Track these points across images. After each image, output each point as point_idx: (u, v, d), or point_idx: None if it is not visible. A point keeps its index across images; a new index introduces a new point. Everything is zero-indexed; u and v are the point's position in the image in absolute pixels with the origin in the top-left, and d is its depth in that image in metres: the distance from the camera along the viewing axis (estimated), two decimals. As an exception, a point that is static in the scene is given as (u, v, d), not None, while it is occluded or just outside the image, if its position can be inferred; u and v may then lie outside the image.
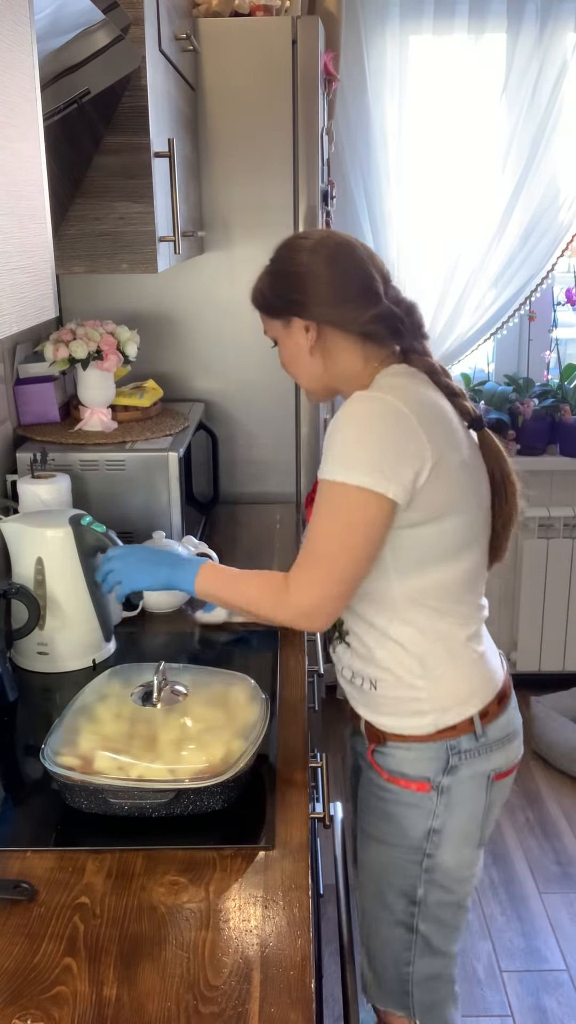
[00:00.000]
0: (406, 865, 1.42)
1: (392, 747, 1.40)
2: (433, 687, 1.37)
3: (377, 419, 1.26)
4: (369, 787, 1.46)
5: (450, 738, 1.37)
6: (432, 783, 1.38)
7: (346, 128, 2.91)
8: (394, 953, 1.47)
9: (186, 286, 2.42)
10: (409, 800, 1.40)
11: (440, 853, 1.41)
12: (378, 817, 1.44)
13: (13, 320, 0.92)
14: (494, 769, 1.41)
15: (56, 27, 1.23)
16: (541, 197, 2.98)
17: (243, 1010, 0.93)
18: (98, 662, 1.62)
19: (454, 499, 1.31)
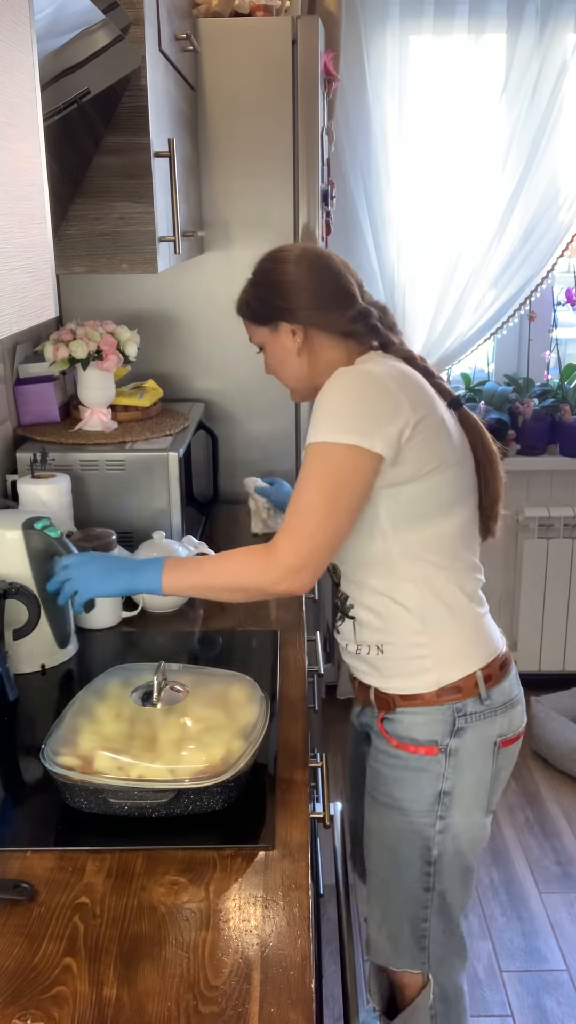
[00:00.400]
0: (420, 828, 1.48)
1: (400, 713, 1.47)
2: (435, 642, 1.44)
3: (358, 384, 1.36)
4: (378, 756, 1.51)
5: (456, 701, 1.44)
6: (440, 746, 1.45)
7: (346, 128, 2.91)
8: (411, 912, 1.53)
9: (186, 286, 2.42)
10: (418, 764, 1.45)
11: (451, 815, 1.47)
12: (388, 783, 1.49)
13: (13, 320, 0.92)
14: (500, 735, 1.48)
15: (56, 27, 1.23)
16: (541, 197, 2.98)
17: (243, 1010, 0.93)
18: (48, 667, 1.61)
19: (440, 455, 1.39)
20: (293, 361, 1.50)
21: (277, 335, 1.49)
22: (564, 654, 3.43)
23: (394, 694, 1.47)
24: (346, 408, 1.34)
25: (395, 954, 1.56)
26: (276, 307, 1.47)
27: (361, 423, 1.32)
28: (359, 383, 1.36)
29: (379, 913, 1.56)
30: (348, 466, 1.32)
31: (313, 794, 1.42)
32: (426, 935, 1.53)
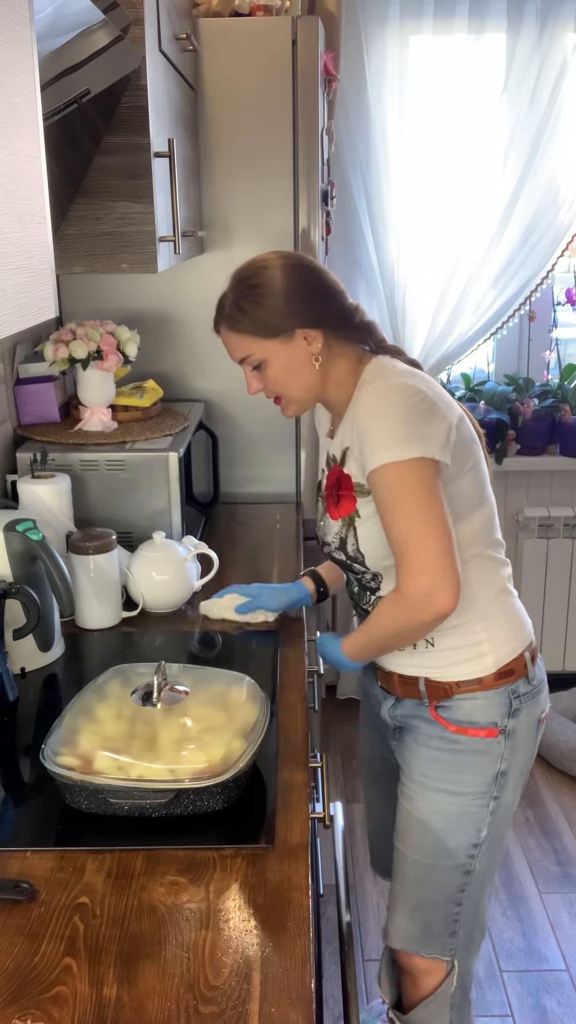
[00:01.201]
0: (475, 810, 1.51)
1: (459, 699, 1.49)
2: (490, 628, 1.49)
3: (401, 398, 1.37)
4: (430, 742, 1.52)
5: (510, 683, 1.49)
6: (500, 727, 1.49)
7: (346, 128, 2.91)
8: (448, 896, 1.54)
9: (186, 286, 2.42)
10: (478, 747, 1.49)
11: (504, 794, 1.52)
12: (444, 769, 1.51)
13: (13, 320, 0.92)
14: (541, 711, 1.57)
15: (56, 27, 1.23)
16: (541, 197, 2.98)
17: (243, 1010, 0.93)
18: (28, 671, 1.60)
19: (473, 451, 1.46)
20: (307, 371, 1.46)
21: (289, 345, 1.44)
22: (564, 654, 3.43)
23: (451, 681, 1.49)
24: (400, 424, 1.35)
25: (426, 941, 1.57)
26: (289, 314, 1.43)
27: (419, 434, 1.34)
28: (401, 396, 1.37)
29: (414, 901, 1.57)
30: (424, 477, 1.34)
31: (313, 794, 1.42)
32: (458, 919, 1.56)
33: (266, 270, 1.45)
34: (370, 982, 2.23)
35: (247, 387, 1.51)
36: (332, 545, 1.54)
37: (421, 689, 1.52)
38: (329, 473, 1.54)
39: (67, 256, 1.73)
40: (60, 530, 1.80)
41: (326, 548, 1.58)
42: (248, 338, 1.45)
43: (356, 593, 1.58)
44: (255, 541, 2.25)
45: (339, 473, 1.50)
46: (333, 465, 1.53)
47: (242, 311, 1.44)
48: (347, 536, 1.49)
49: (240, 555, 2.15)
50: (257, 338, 1.45)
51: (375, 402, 1.39)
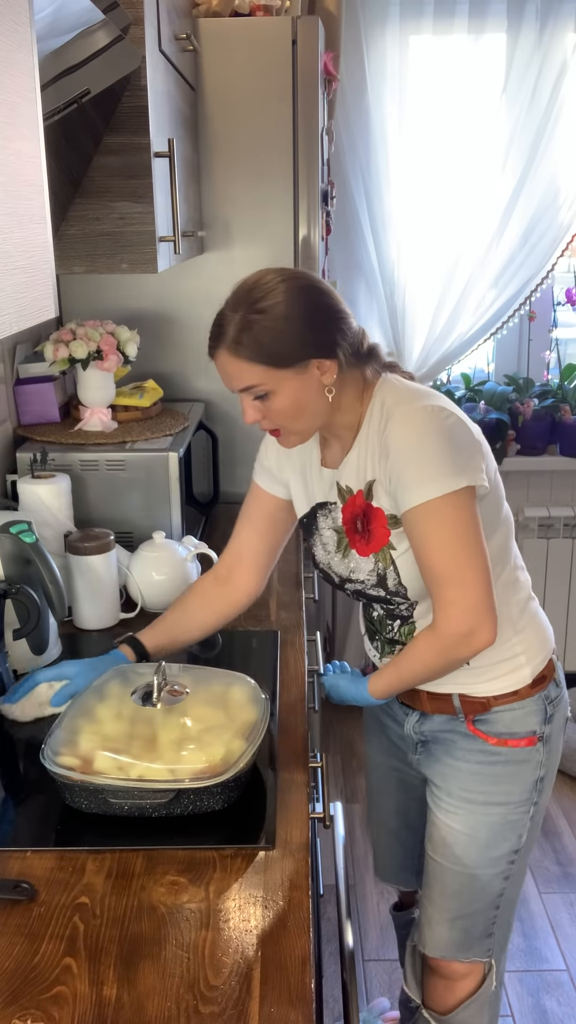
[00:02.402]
0: (517, 818, 1.50)
1: (497, 711, 1.47)
2: (524, 640, 1.47)
3: (435, 424, 1.30)
4: (469, 757, 1.49)
5: (543, 689, 1.48)
6: (539, 735, 1.48)
7: (346, 128, 2.91)
8: (488, 904, 1.54)
9: (186, 286, 2.42)
10: (520, 756, 1.48)
11: (542, 797, 1.53)
12: (486, 781, 1.49)
13: (13, 320, 0.92)
14: (567, 709, 1.56)
15: (56, 27, 1.23)
16: (541, 197, 2.98)
17: (243, 1010, 0.93)
18: (20, 673, 1.59)
19: (492, 464, 1.41)
20: (318, 402, 1.34)
21: (301, 376, 1.30)
22: (564, 654, 3.43)
23: (488, 696, 1.46)
24: (440, 454, 1.28)
25: (467, 947, 1.56)
26: (304, 343, 1.29)
27: (460, 464, 1.28)
28: (435, 422, 1.30)
29: (455, 910, 1.54)
30: (466, 508, 1.29)
31: (313, 794, 1.41)
32: (495, 921, 1.56)
33: (274, 292, 1.30)
34: (370, 982, 2.23)
35: (243, 415, 1.35)
36: (367, 583, 1.42)
37: (456, 705, 1.48)
38: (346, 507, 1.42)
39: (67, 256, 1.73)
40: (60, 530, 1.80)
41: (353, 586, 1.45)
42: (255, 367, 1.29)
43: (377, 619, 1.50)
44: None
45: (365, 506, 1.38)
46: (349, 498, 1.41)
47: (250, 337, 1.28)
48: (386, 572, 1.39)
49: (240, 555, 2.14)
50: (266, 367, 1.29)
51: (410, 433, 1.29)
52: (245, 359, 1.29)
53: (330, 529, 1.47)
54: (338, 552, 1.46)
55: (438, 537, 1.29)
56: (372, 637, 1.54)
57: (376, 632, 1.52)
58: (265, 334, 1.28)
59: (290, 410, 1.33)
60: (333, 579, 1.50)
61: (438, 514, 1.28)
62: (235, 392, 1.34)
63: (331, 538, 1.47)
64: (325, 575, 1.52)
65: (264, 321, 1.28)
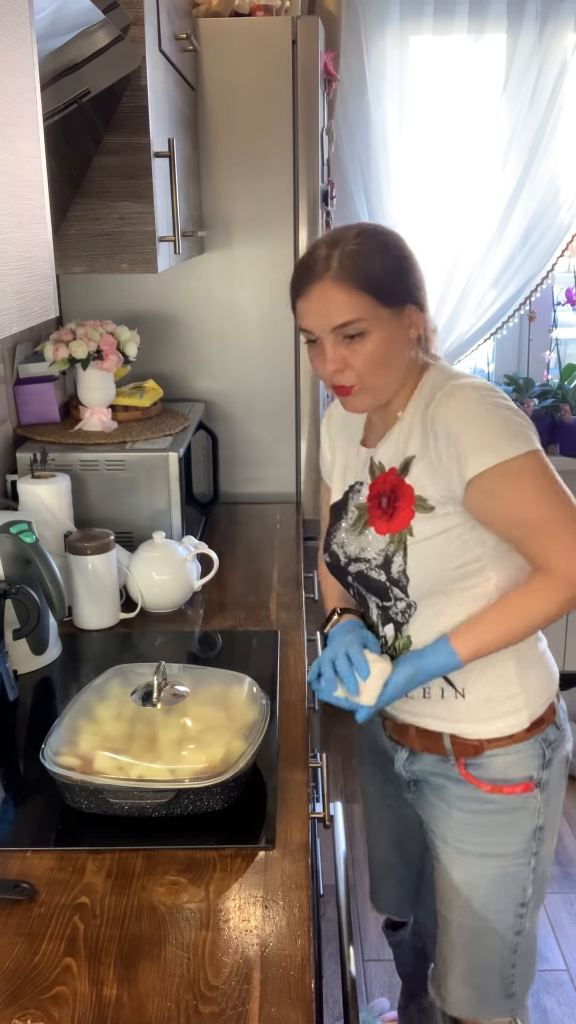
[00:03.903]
0: (516, 870, 1.40)
1: (490, 755, 1.37)
2: (527, 680, 1.38)
3: (494, 397, 1.26)
4: (462, 804, 1.40)
5: (540, 732, 1.38)
6: (535, 780, 1.38)
7: (346, 128, 2.91)
8: (502, 961, 1.44)
9: (186, 286, 2.42)
10: (515, 804, 1.38)
11: (544, 847, 1.42)
12: (480, 832, 1.39)
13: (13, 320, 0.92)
14: (569, 751, 1.45)
15: (56, 27, 1.23)
16: (541, 197, 2.98)
17: (243, 1010, 0.93)
18: (27, 671, 1.60)
19: None
20: (403, 355, 1.29)
21: (397, 320, 1.26)
22: (564, 654, 3.43)
23: (481, 738, 1.37)
24: (505, 422, 1.23)
25: (485, 1006, 1.47)
26: (409, 284, 1.26)
27: (524, 430, 1.25)
28: (494, 396, 1.26)
29: (466, 966, 1.45)
30: (546, 466, 1.26)
31: (313, 794, 1.42)
32: (513, 979, 1.46)
33: (375, 230, 1.28)
34: (370, 982, 2.23)
35: (324, 361, 1.27)
36: (372, 562, 1.35)
37: (446, 746, 1.39)
38: (374, 483, 1.37)
39: (67, 256, 1.73)
40: (60, 530, 1.80)
41: (358, 566, 1.38)
42: (361, 298, 1.23)
43: (373, 627, 1.43)
44: (255, 541, 2.25)
45: (396, 483, 1.32)
46: (380, 475, 1.36)
47: (358, 265, 1.23)
48: (394, 555, 1.32)
49: (240, 555, 2.15)
50: (372, 300, 1.23)
51: (463, 404, 1.24)
52: (352, 288, 1.22)
53: (353, 507, 1.42)
54: (354, 529, 1.40)
55: (527, 490, 1.23)
56: None
57: None
58: (374, 262, 1.24)
59: (380, 356, 1.26)
60: (340, 559, 1.43)
61: (517, 474, 1.23)
62: (325, 332, 1.25)
63: (352, 515, 1.42)
64: (334, 558, 1.44)
65: (372, 247, 1.25)
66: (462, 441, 1.23)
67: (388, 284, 1.24)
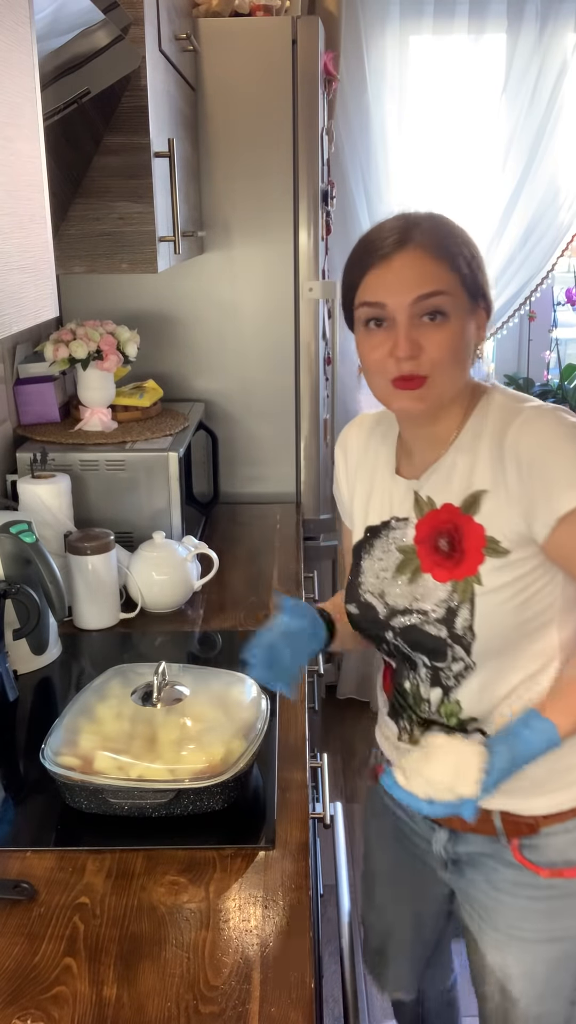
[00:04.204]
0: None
1: (548, 834, 1.20)
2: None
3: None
4: (516, 891, 1.23)
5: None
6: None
7: (346, 128, 2.91)
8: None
9: (186, 286, 2.42)
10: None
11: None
12: (539, 918, 1.23)
13: (13, 320, 0.92)
14: None
15: (56, 27, 1.23)
16: (541, 197, 2.99)
17: (243, 1010, 0.92)
18: (27, 671, 1.59)
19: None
20: (468, 359, 1.14)
21: (471, 316, 1.12)
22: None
23: (537, 815, 1.19)
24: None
25: None
26: (483, 278, 1.14)
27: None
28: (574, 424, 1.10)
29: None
30: None
31: (313, 794, 1.42)
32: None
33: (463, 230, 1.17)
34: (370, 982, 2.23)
35: (397, 345, 1.09)
36: (430, 615, 1.16)
37: (497, 825, 1.21)
38: (424, 521, 1.18)
39: (67, 256, 1.73)
40: (60, 530, 1.80)
41: (409, 619, 1.18)
42: (450, 274, 1.10)
43: (411, 689, 1.23)
44: (255, 541, 2.25)
45: (461, 522, 1.14)
46: (430, 511, 1.18)
47: (453, 242, 1.12)
48: (459, 607, 1.13)
49: (240, 555, 2.15)
50: (458, 282, 1.10)
51: (551, 431, 1.08)
52: (441, 260, 1.09)
53: (393, 549, 1.22)
54: (400, 575, 1.20)
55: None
56: (398, 714, 1.27)
57: (404, 708, 1.25)
58: (461, 242, 1.13)
59: (456, 347, 1.10)
60: (378, 612, 1.22)
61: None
62: (403, 307, 1.08)
63: (392, 560, 1.21)
64: (367, 611, 1.24)
65: (462, 233, 1.14)
66: (552, 472, 1.07)
67: (472, 271, 1.12)
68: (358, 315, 1.13)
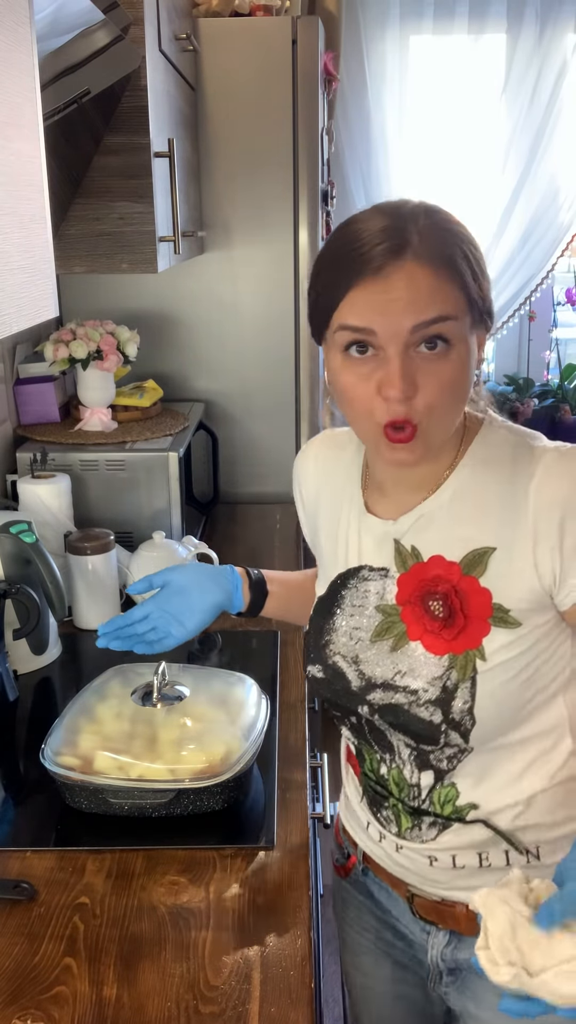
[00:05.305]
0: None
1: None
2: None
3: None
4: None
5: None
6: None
7: (346, 128, 2.91)
8: None
9: (186, 286, 2.42)
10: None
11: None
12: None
13: (13, 320, 0.92)
14: None
15: (56, 27, 1.23)
16: (541, 197, 2.99)
17: (243, 1010, 0.92)
18: (27, 671, 1.59)
19: None
20: (468, 394, 0.96)
21: (472, 338, 0.94)
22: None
23: None
24: None
25: None
26: (488, 296, 0.95)
27: None
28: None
29: None
30: None
31: (313, 794, 1.42)
32: None
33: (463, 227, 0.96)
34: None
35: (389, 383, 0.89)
36: (420, 695, 0.97)
37: None
38: (408, 576, 1.00)
39: (67, 256, 1.73)
40: (60, 530, 1.80)
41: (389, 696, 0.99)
42: (455, 292, 0.89)
43: (393, 775, 1.04)
44: (255, 541, 2.25)
45: (461, 583, 0.96)
46: (415, 565, 1.00)
47: (457, 245, 0.91)
48: (457, 688, 0.95)
49: (240, 555, 2.15)
50: (464, 301, 0.90)
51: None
52: (445, 274, 0.88)
53: (369, 607, 1.03)
54: (381, 640, 1.01)
55: None
56: (379, 805, 1.07)
57: (387, 797, 1.05)
58: (469, 247, 0.92)
59: (458, 380, 0.91)
60: (349, 682, 1.02)
61: None
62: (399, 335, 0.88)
63: (369, 620, 1.03)
64: (336, 677, 1.04)
65: (463, 231, 0.93)
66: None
67: (478, 282, 0.91)
68: (335, 338, 0.92)
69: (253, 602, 1.23)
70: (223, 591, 1.21)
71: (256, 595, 1.23)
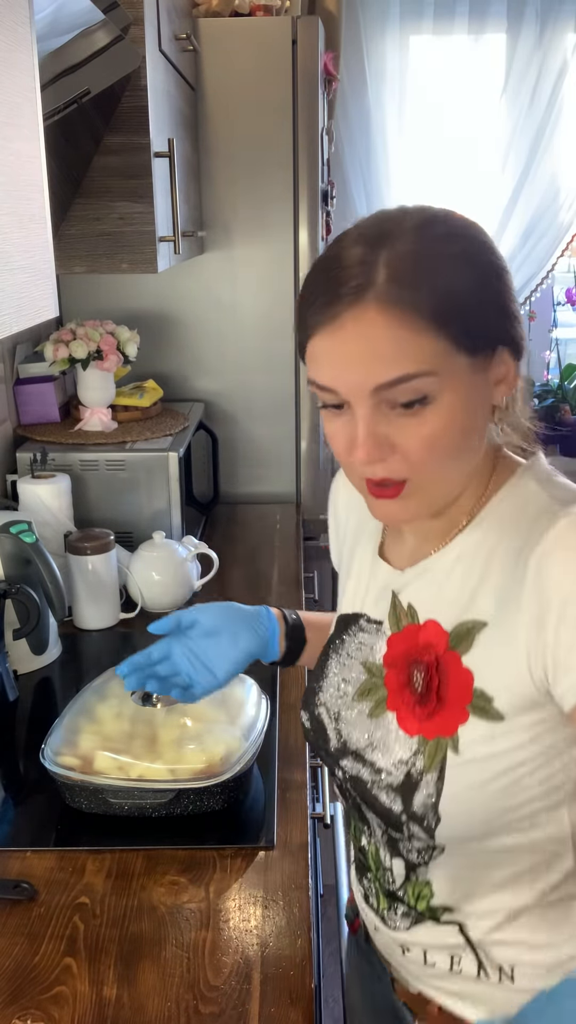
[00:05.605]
0: None
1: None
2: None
3: None
4: None
5: None
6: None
7: (346, 128, 2.91)
8: None
9: (186, 286, 2.42)
10: None
11: None
12: None
13: (13, 320, 0.92)
14: None
15: (56, 27, 1.23)
16: (541, 197, 2.99)
17: (243, 1010, 0.92)
18: (27, 671, 1.59)
19: None
20: (481, 434, 0.83)
21: (483, 376, 0.79)
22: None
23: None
24: None
25: None
26: (506, 315, 0.81)
27: None
28: None
29: None
30: None
31: (313, 794, 1.42)
32: None
33: (462, 220, 0.82)
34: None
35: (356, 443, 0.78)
36: (383, 776, 0.87)
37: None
38: (398, 638, 0.90)
39: (67, 256, 1.73)
40: (60, 530, 1.80)
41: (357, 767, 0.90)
42: (430, 338, 0.75)
43: (369, 851, 0.96)
44: (255, 541, 2.25)
45: (445, 659, 0.84)
46: (408, 627, 0.89)
47: (435, 276, 0.75)
48: (423, 775, 0.83)
49: (240, 555, 2.15)
50: (447, 344, 0.75)
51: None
52: (413, 320, 0.74)
53: (356, 660, 0.94)
54: (362, 702, 0.92)
55: None
56: (362, 873, 0.99)
57: (367, 870, 0.98)
58: (450, 275, 0.76)
59: (450, 435, 0.78)
60: (329, 738, 0.94)
61: None
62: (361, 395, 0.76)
63: (355, 674, 0.94)
64: (317, 728, 0.96)
65: (445, 248, 0.77)
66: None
67: (474, 315, 0.77)
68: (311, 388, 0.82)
69: (289, 650, 1.10)
70: (258, 639, 1.07)
71: (292, 643, 1.10)
